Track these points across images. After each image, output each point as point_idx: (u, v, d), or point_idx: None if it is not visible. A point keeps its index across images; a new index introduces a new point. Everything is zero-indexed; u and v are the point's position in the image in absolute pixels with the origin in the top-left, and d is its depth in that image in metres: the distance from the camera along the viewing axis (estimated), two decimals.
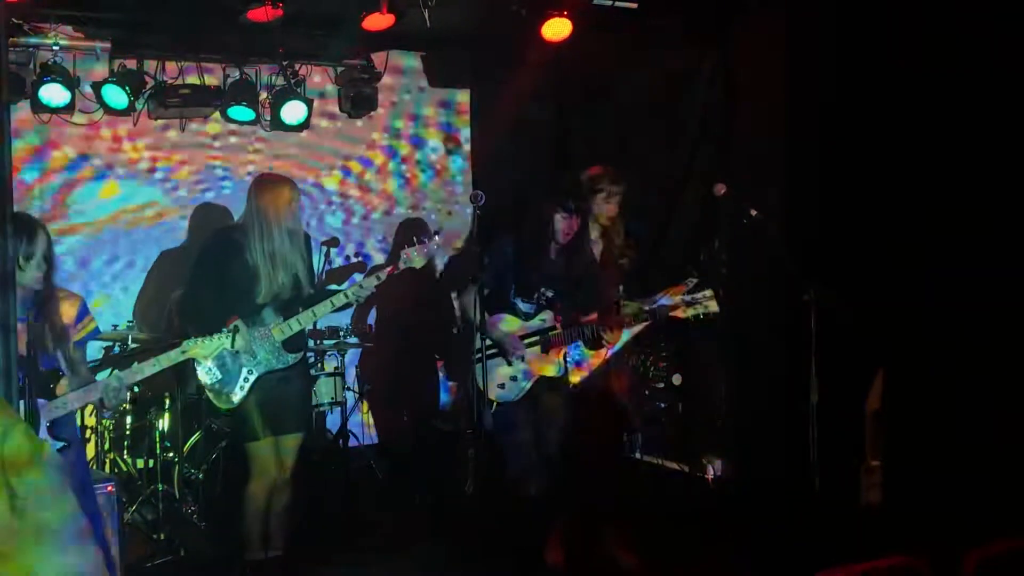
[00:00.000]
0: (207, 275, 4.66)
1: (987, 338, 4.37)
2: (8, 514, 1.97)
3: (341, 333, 6.55)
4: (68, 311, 3.98)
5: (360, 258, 7.30)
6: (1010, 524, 3.36)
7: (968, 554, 2.73)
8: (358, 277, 6.79)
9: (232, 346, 4.19)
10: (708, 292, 4.66)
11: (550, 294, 4.78)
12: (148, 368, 4.02)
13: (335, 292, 4.67)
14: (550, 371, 4.75)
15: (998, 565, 2.74)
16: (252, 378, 4.57)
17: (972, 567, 2.72)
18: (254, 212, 4.62)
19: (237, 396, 4.56)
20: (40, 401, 3.83)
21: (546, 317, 4.76)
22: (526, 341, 4.72)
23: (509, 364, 4.68)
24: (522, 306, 4.75)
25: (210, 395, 4.61)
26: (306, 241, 4.79)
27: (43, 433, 3.82)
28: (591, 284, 4.79)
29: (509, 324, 4.72)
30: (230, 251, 4.62)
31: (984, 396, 4.35)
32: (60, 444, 3.85)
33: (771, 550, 4.84)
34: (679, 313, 4.68)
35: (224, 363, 4.54)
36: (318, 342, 6.42)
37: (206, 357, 4.26)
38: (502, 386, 4.65)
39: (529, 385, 4.71)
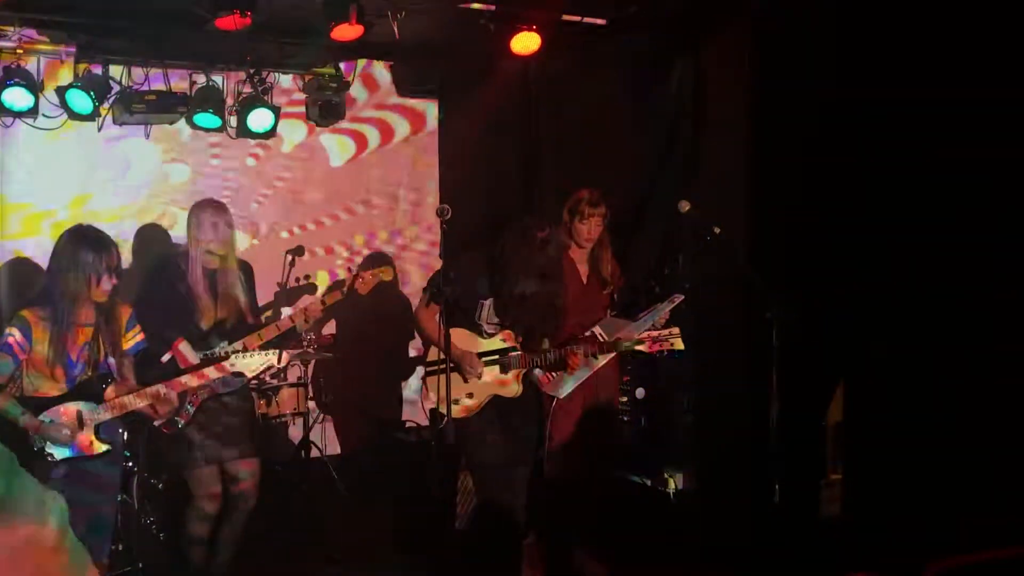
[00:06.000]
0: (151, 300, 4.62)
1: (948, 352, 4.44)
2: None
3: (304, 343, 6.48)
4: (121, 319, 4.15)
5: (310, 279, 7.18)
6: (970, 538, 3.42)
7: (928, 568, 2.77)
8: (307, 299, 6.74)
9: (279, 363, 4.29)
10: (676, 330, 4.64)
11: (518, 316, 4.69)
12: (193, 380, 4.16)
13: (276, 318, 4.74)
14: (507, 392, 4.67)
15: None
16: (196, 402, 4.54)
17: None
18: (191, 239, 4.62)
19: (182, 420, 4.52)
20: (90, 404, 4.01)
21: (506, 337, 4.70)
22: (485, 360, 4.67)
23: (465, 381, 4.64)
24: (487, 326, 4.70)
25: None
26: (245, 268, 4.78)
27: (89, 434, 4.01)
28: (558, 311, 4.72)
29: (468, 342, 4.69)
30: (174, 276, 4.61)
31: (945, 409, 4.42)
32: (105, 448, 4.06)
33: (732, 564, 4.88)
34: (644, 348, 4.66)
35: None
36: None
37: (254, 371, 4.28)
38: (456, 401, 4.57)
39: (484, 403, 4.67)
